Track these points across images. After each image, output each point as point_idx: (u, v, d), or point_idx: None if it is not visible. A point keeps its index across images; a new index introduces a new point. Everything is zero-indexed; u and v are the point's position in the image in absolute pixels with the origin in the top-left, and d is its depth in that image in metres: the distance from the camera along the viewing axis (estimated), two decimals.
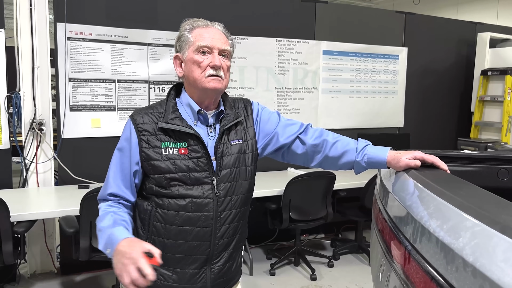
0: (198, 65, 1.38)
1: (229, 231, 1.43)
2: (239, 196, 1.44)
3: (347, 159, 1.48)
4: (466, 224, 0.83)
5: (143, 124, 1.38)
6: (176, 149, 1.37)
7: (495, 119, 5.00)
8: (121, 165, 1.41)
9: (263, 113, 1.56)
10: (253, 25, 4.19)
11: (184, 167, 1.36)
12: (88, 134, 3.64)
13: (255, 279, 3.71)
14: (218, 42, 1.40)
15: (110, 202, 1.41)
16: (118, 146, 1.43)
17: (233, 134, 1.45)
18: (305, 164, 1.57)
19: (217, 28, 1.44)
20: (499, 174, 1.58)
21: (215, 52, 1.39)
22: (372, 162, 1.44)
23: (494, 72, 4.93)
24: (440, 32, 5.20)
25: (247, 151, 1.47)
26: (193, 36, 1.40)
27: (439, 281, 0.84)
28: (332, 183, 3.68)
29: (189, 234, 1.38)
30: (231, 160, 1.42)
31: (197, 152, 1.37)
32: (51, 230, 3.66)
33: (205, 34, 1.40)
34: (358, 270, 3.92)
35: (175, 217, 1.37)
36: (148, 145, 1.37)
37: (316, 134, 1.53)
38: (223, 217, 1.40)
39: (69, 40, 3.51)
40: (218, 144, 1.41)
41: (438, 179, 1.20)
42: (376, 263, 1.43)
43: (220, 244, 1.42)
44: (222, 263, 1.44)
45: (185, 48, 1.41)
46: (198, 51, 1.38)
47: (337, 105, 4.68)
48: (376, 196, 1.59)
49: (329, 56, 4.58)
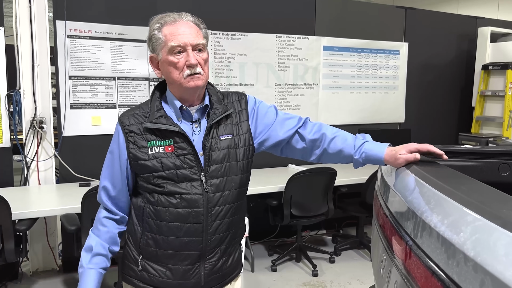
0: (175, 67, 1.35)
1: (222, 226, 1.42)
2: (231, 191, 1.43)
3: (345, 155, 1.48)
4: (467, 219, 0.83)
5: (129, 125, 1.40)
6: (162, 148, 1.37)
7: (496, 113, 4.99)
8: (112, 167, 1.44)
9: (260, 107, 1.54)
10: (253, 21, 4.18)
11: (170, 164, 1.37)
12: (89, 132, 3.64)
13: (256, 275, 3.71)
14: (190, 37, 1.35)
15: (102, 219, 1.47)
16: (109, 149, 1.46)
17: (222, 129, 1.44)
18: (304, 158, 1.56)
19: (187, 21, 1.38)
20: (500, 168, 1.57)
21: (189, 50, 1.35)
22: (369, 160, 1.44)
23: (495, 67, 4.92)
24: (441, 27, 5.18)
25: (238, 146, 1.45)
26: (163, 35, 1.36)
27: (440, 276, 0.84)
28: (333, 179, 3.68)
29: (180, 230, 1.38)
30: (220, 155, 1.41)
31: (183, 149, 1.38)
32: (53, 228, 3.67)
33: (175, 31, 1.35)
34: (360, 265, 3.92)
35: (165, 213, 1.38)
36: (135, 145, 1.39)
37: (315, 128, 1.52)
38: (215, 213, 1.40)
39: (69, 37, 3.51)
40: (206, 140, 1.40)
41: (439, 174, 1.19)
42: (377, 258, 1.43)
43: (212, 240, 1.41)
44: (216, 259, 1.44)
45: (158, 49, 1.38)
46: (172, 52, 1.35)
47: (338, 101, 4.68)
48: (377, 192, 1.59)
49: (330, 52, 4.57)
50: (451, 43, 5.31)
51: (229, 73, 4.14)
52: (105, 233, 1.47)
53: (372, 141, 1.47)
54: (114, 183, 1.44)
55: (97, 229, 1.48)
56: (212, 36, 4.02)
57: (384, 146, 1.42)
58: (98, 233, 1.47)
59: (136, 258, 1.45)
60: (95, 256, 1.44)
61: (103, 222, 1.47)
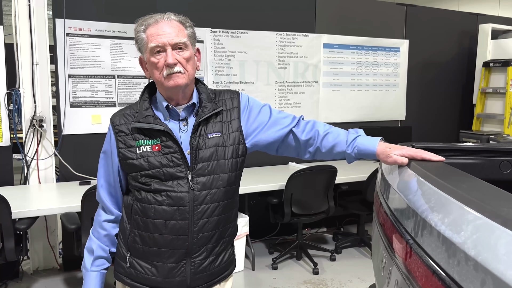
0: (155, 67, 1.38)
1: (208, 225, 1.42)
2: (218, 190, 1.42)
3: (337, 150, 1.49)
4: (468, 217, 0.82)
5: (119, 125, 1.43)
6: (149, 147, 1.39)
7: (497, 111, 4.98)
8: (106, 166, 1.49)
9: (253, 106, 1.53)
10: (253, 18, 4.17)
11: (157, 163, 1.38)
12: (89, 130, 3.63)
13: (257, 273, 3.71)
14: (168, 37, 1.35)
15: (102, 223, 1.51)
16: (102, 148, 1.49)
17: (211, 127, 1.44)
18: (298, 156, 1.57)
19: (169, 20, 1.38)
20: (502, 166, 1.56)
21: (168, 50, 1.36)
22: (362, 154, 1.45)
23: (496, 64, 4.91)
24: (442, 24, 5.17)
25: (227, 144, 1.45)
26: (146, 36, 1.38)
27: (441, 275, 0.83)
28: (334, 177, 3.67)
29: (165, 227, 1.39)
30: (207, 153, 1.41)
31: (169, 147, 1.39)
32: (53, 226, 3.67)
33: (155, 32, 1.37)
34: (360, 263, 3.92)
35: (151, 210, 1.39)
36: (124, 145, 1.42)
37: (308, 127, 1.53)
38: (201, 211, 1.40)
39: (68, 36, 3.50)
40: (193, 137, 1.40)
41: (440, 172, 1.19)
42: (378, 257, 1.43)
43: (198, 238, 1.41)
44: (203, 258, 1.44)
45: (143, 50, 1.41)
46: (153, 52, 1.37)
47: (338, 99, 4.67)
48: (377, 190, 1.58)
49: (330, 49, 4.56)
50: (452, 40, 5.30)
51: (229, 71, 4.13)
52: (104, 236, 1.52)
53: (365, 136, 1.47)
54: (110, 181, 1.48)
55: (96, 231, 1.53)
56: (212, 34, 4.01)
57: (376, 140, 1.43)
58: (98, 236, 1.52)
59: (124, 254, 1.47)
60: (96, 259, 1.51)
61: (102, 225, 1.51)
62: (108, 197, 1.50)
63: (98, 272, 1.51)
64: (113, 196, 1.50)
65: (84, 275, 1.52)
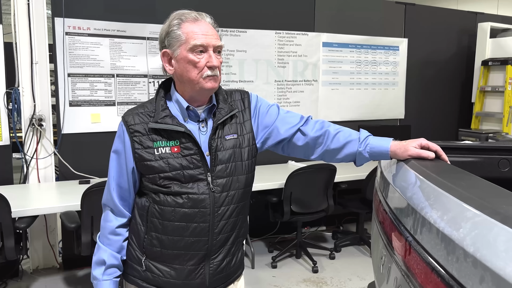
0: (194, 65, 1.33)
1: (227, 226, 1.41)
2: (236, 191, 1.42)
3: (349, 150, 1.46)
4: (467, 214, 0.83)
5: (134, 125, 1.37)
6: (168, 148, 1.35)
7: (496, 109, 4.99)
8: (119, 167, 1.41)
9: (262, 106, 1.52)
10: (252, 17, 4.17)
11: (177, 165, 1.35)
12: (88, 129, 3.63)
13: (257, 271, 3.72)
14: (211, 39, 1.34)
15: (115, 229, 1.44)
16: (113, 148, 1.43)
17: (227, 129, 1.42)
18: (306, 156, 1.54)
19: (207, 22, 1.38)
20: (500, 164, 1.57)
21: (210, 51, 1.34)
22: (375, 152, 1.42)
23: (494, 62, 4.91)
24: (441, 22, 5.17)
25: (243, 146, 1.44)
26: (184, 32, 1.33)
27: (440, 272, 0.84)
28: (333, 175, 3.68)
29: (186, 230, 1.37)
30: (226, 155, 1.40)
31: (189, 149, 1.36)
32: (53, 225, 3.67)
33: (197, 30, 1.33)
34: (360, 262, 3.93)
35: (171, 213, 1.36)
36: (141, 146, 1.36)
37: (317, 126, 1.50)
38: (221, 213, 1.39)
39: (67, 35, 3.50)
40: (212, 140, 1.38)
41: (439, 170, 1.19)
42: (377, 254, 1.43)
43: (218, 239, 1.40)
44: (221, 259, 1.43)
45: (176, 45, 1.35)
46: (193, 51, 1.33)
47: (338, 98, 4.67)
48: (377, 188, 1.59)
49: (329, 48, 4.56)
50: (451, 39, 5.30)
51: (229, 69, 4.13)
52: (117, 241, 1.45)
53: (375, 137, 1.46)
54: (122, 182, 1.42)
55: (107, 238, 1.45)
56: None
57: (389, 139, 1.42)
58: (109, 243, 1.45)
59: (139, 258, 1.43)
60: (109, 268, 1.44)
61: (116, 231, 1.45)
62: (120, 199, 1.43)
63: (110, 280, 1.44)
64: (126, 198, 1.44)
65: (95, 286, 1.45)
